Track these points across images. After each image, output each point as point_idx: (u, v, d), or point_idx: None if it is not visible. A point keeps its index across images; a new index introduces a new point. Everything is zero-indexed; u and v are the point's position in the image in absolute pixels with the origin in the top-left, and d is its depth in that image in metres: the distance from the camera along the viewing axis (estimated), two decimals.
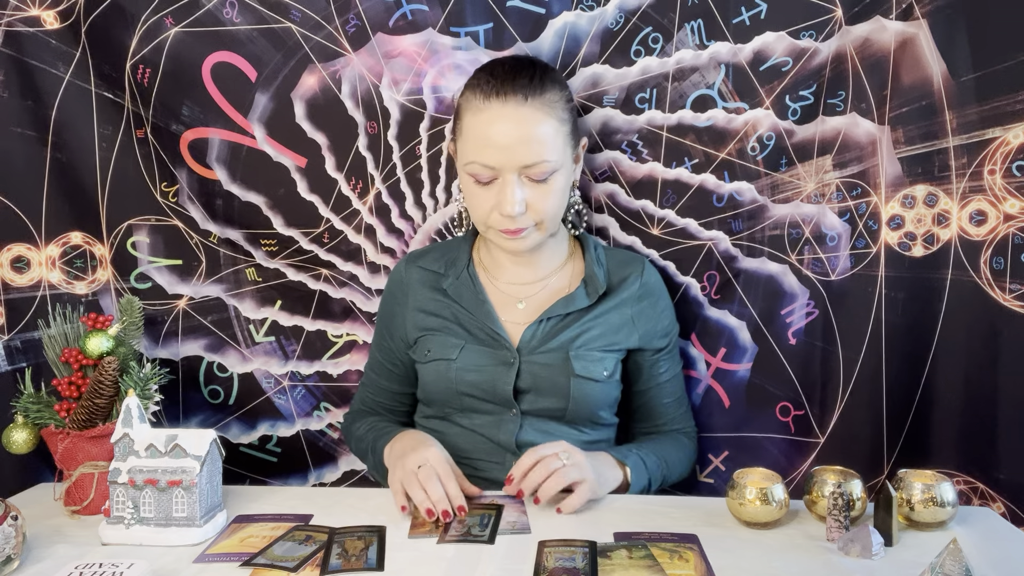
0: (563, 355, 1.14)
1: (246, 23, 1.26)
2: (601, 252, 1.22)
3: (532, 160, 1.06)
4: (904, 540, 0.93)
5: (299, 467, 1.42)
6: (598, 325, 1.17)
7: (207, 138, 1.30)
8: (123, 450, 0.97)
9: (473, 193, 1.11)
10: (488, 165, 1.07)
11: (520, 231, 1.10)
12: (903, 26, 1.17)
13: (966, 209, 1.19)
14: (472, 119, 1.08)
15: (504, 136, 1.06)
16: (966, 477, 1.22)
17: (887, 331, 1.24)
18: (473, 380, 1.15)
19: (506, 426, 1.15)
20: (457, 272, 1.20)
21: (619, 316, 1.18)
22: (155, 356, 1.37)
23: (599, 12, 1.23)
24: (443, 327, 1.18)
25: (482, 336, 1.16)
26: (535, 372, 1.14)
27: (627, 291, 1.19)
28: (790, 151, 1.24)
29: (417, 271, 1.22)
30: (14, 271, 1.30)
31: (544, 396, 1.14)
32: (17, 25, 1.25)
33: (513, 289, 1.20)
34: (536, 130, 1.06)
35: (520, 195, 1.07)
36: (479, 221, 1.13)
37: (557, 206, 1.12)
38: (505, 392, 1.14)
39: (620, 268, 1.21)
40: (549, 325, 1.16)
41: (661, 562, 0.86)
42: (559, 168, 1.09)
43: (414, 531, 0.97)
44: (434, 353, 1.17)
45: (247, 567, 0.88)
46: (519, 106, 1.06)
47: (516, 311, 1.19)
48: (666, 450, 1.20)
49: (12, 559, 0.87)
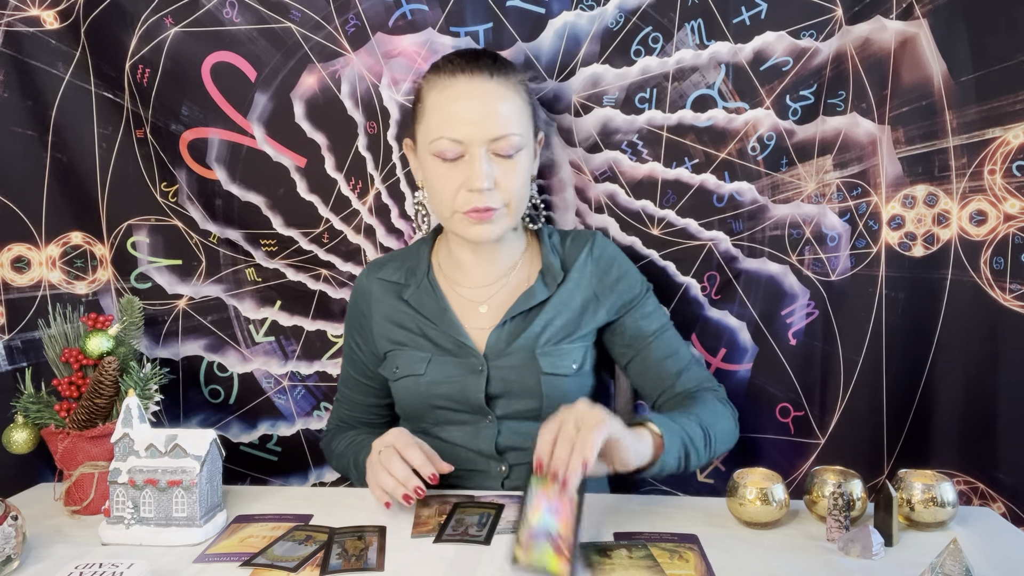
0: (529, 354, 1.11)
1: (246, 23, 1.26)
2: (556, 239, 1.20)
3: (500, 132, 1.05)
4: (904, 540, 0.93)
5: (299, 467, 1.42)
6: (561, 314, 1.14)
7: (207, 138, 1.30)
8: (123, 450, 0.97)
9: (438, 175, 1.08)
10: (456, 139, 1.05)
11: (490, 212, 1.07)
12: (903, 26, 1.17)
13: (966, 209, 1.19)
14: (437, 96, 1.07)
15: (471, 110, 1.05)
16: (966, 477, 1.22)
17: (887, 331, 1.24)
18: (444, 392, 1.12)
19: (484, 433, 1.13)
20: (418, 281, 1.17)
21: (580, 297, 1.15)
22: (155, 356, 1.37)
23: (599, 12, 1.23)
24: (409, 340, 1.16)
25: (448, 346, 1.14)
26: (504, 376, 1.11)
27: (580, 269, 1.16)
28: (790, 151, 1.24)
29: (377, 283, 1.20)
30: (14, 271, 1.30)
31: (517, 399, 1.12)
32: (17, 25, 1.25)
33: (474, 293, 1.17)
34: (502, 105, 1.06)
35: (489, 169, 1.05)
36: (444, 206, 1.09)
37: (523, 186, 1.10)
38: (477, 400, 1.11)
39: (573, 249, 1.18)
40: (513, 325, 1.13)
41: (661, 562, 0.86)
42: (524, 147, 1.08)
43: (416, 531, 0.97)
44: (403, 369, 1.15)
45: (247, 567, 0.88)
46: (485, 81, 1.06)
47: (479, 316, 1.16)
48: (691, 409, 1.06)
49: (12, 559, 0.87)
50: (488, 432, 1.13)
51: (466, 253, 1.17)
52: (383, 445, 1.02)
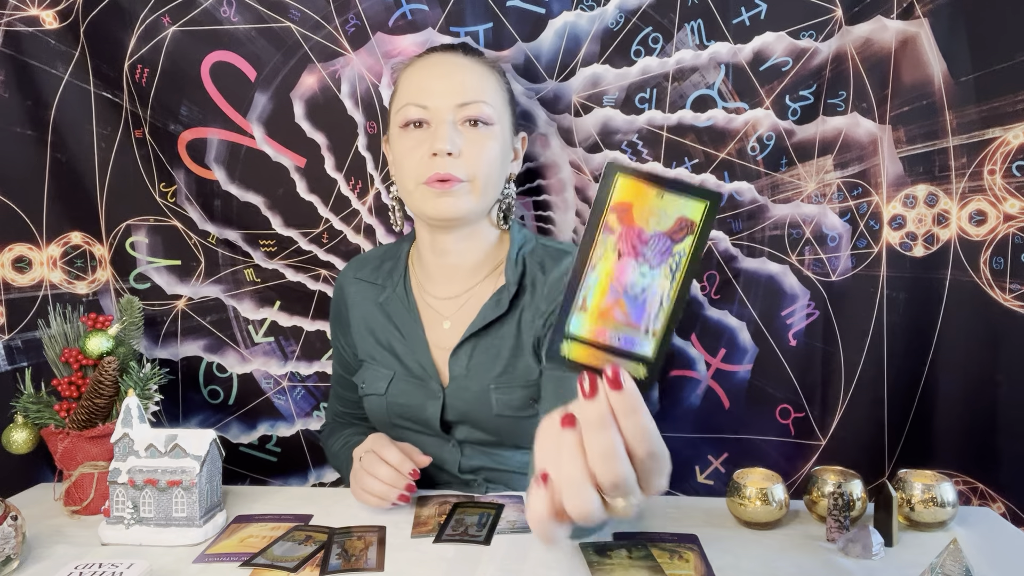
0: (484, 390, 1.05)
1: (244, 22, 1.26)
2: (530, 248, 1.10)
3: (468, 98, 1.01)
4: (904, 540, 0.93)
5: (299, 467, 1.42)
6: (515, 343, 1.05)
7: (205, 138, 1.30)
8: (123, 450, 0.97)
9: (404, 147, 1.03)
10: (422, 104, 1.01)
11: (452, 181, 1.00)
12: (904, 25, 1.17)
13: (966, 209, 1.19)
14: (409, 71, 1.06)
15: (441, 78, 1.02)
16: (966, 477, 1.22)
17: (888, 332, 1.24)
18: (403, 413, 1.10)
19: (448, 453, 1.10)
20: (393, 284, 1.14)
21: (531, 318, 1.05)
22: (155, 356, 1.37)
23: (599, 12, 1.23)
24: (378, 354, 1.13)
25: (411, 364, 1.10)
26: (459, 407, 1.07)
27: (532, 290, 1.07)
28: (790, 151, 1.24)
29: (355, 284, 1.17)
30: (15, 271, 1.30)
31: (474, 428, 1.08)
32: (16, 25, 1.25)
33: (440, 305, 1.11)
34: (472, 76, 1.03)
35: (454, 135, 1.00)
36: (408, 178, 1.03)
37: (492, 164, 1.03)
38: (435, 425, 1.08)
39: (546, 262, 1.08)
40: (471, 348, 1.07)
41: (661, 562, 0.86)
42: (496, 123, 1.03)
43: (416, 531, 0.97)
44: (368, 386, 1.12)
45: (247, 567, 0.88)
46: (457, 57, 1.05)
47: (442, 332, 1.10)
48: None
49: (12, 559, 0.87)
50: (452, 453, 1.10)
51: (430, 254, 1.11)
52: (363, 451, 1.03)
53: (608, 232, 0.51)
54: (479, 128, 1.02)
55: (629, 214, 0.50)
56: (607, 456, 0.50)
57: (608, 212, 0.50)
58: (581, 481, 0.51)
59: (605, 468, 0.50)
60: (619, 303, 0.51)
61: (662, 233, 0.50)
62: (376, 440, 1.03)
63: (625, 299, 0.51)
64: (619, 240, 0.50)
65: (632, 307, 0.51)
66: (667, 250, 0.50)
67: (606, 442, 0.50)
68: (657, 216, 0.50)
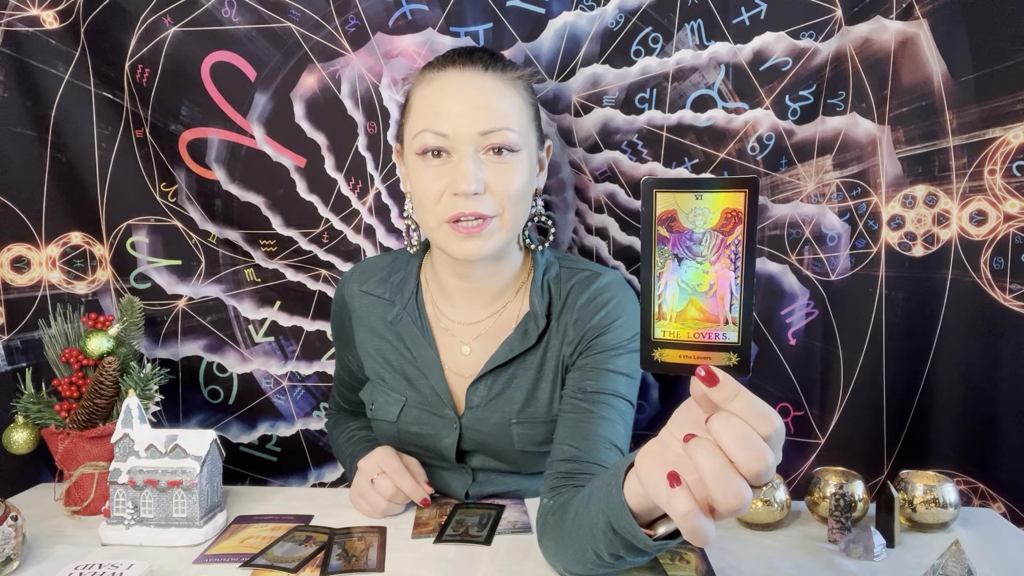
0: (504, 424, 1.01)
1: (245, 22, 1.26)
2: (555, 272, 1.04)
3: (491, 126, 0.91)
4: (906, 541, 0.93)
5: (299, 467, 1.42)
6: (542, 377, 1.01)
7: (206, 138, 1.30)
8: (123, 450, 0.97)
9: (421, 176, 0.94)
10: (441, 132, 0.91)
11: (481, 222, 0.92)
12: (903, 26, 1.17)
13: (966, 209, 1.19)
14: (424, 89, 0.95)
15: (460, 103, 0.92)
16: (966, 477, 1.22)
17: (887, 331, 1.24)
18: (415, 441, 1.06)
19: (459, 479, 1.09)
20: (404, 300, 1.06)
21: (554, 360, 1.01)
22: (155, 356, 1.36)
23: (599, 12, 1.23)
24: (389, 377, 1.08)
25: (426, 390, 1.05)
26: (476, 437, 1.03)
27: (570, 313, 1.01)
28: (790, 151, 1.24)
29: (360, 298, 1.10)
30: (14, 271, 1.30)
31: (491, 458, 1.06)
32: (17, 25, 1.24)
33: (458, 330, 1.05)
34: (496, 98, 0.93)
35: (477, 170, 0.91)
36: (428, 214, 0.95)
37: (521, 193, 0.94)
38: (449, 455, 1.05)
39: (573, 291, 1.02)
40: (493, 380, 1.02)
41: (662, 563, 0.86)
42: (522, 149, 0.94)
43: (416, 531, 0.97)
44: (377, 410, 1.08)
45: (247, 568, 0.88)
46: (478, 75, 0.94)
47: (461, 359, 1.04)
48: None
49: (12, 559, 0.87)
50: (461, 480, 1.09)
51: (451, 277, 1.04)
52: (374, 472, 1.02)
53: (662, 243, 0.55)
54: (504, 156, 0.93)
55: (676, 222, 0.55)
56: (744, 441, 0.51)
57: (656, 226, 0.55)
58: (728, 472, 0.51)
59: (746, 453, 0.51)
60: (692, 303, 0.55)
61: (712, 229, 0.54)
62: (386, 460, 1.02)
63: (697, 298, 0.55)
64: (673, 247, 0.55)
65: (705, 303, 0.55)
66: (721, 243, 0.54)
67: (738, 427, 0.51)
68: (703, 216, 0.54)
